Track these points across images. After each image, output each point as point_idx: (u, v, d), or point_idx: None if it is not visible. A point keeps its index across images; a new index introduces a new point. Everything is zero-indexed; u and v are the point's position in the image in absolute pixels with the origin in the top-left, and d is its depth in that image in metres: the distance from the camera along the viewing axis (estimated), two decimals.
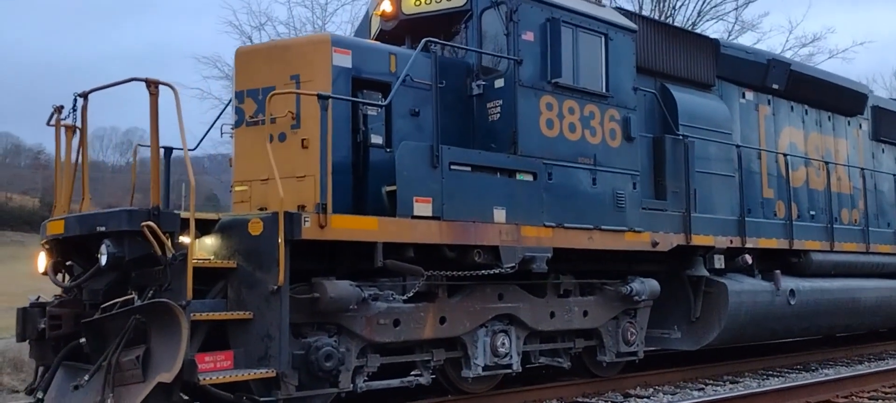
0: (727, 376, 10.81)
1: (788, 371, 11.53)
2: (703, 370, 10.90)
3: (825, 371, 11.68)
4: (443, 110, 8.01)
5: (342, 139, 7.19)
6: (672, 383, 10.01)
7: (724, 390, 9.73)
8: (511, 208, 7.62)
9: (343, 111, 7.20)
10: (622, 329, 9.10)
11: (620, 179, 8.69)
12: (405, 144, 7.03)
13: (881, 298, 12.78)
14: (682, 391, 9.68)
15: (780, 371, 11.48)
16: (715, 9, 27.96)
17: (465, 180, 7.31)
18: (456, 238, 7.16)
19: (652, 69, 10.07)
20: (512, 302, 8.01)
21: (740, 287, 10.13)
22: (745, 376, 10.99)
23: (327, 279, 6.43)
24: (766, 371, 11.42)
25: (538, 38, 8.10)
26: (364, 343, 6.89)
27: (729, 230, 10.13)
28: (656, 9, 27.06)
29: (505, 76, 7.97)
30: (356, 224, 6.49)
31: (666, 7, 27.34)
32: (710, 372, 10.89)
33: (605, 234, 8.47)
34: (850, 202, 13.15)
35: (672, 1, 27.36)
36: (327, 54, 7.16)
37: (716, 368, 11.11)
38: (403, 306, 7.12)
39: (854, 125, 13.78)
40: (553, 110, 8.13)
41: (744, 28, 28.34)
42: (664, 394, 9.40)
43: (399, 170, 6.84)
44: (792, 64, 12.38)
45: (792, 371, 11.54)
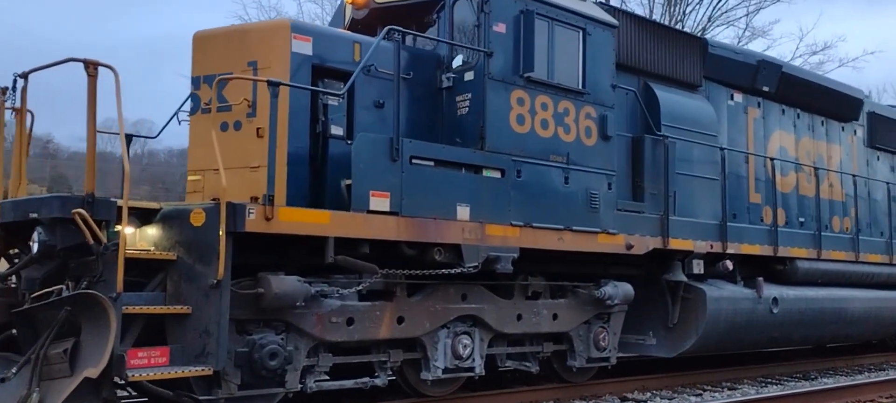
0: (726, 382, 10.74)
1: (787, 379, 11.46)
2: (700, 376, 10.78)
3: (824, 380, 11.59)
4: (412, 103, 7.80)
5: (300, 129, 6.93)
6: (650, 389, 9.75)
7: (721, 396, 9.61)
8: (476, 205, 7.34)
9: (301, 100, 6.94)
10: (594, 333, 8.81)
11: (595, 179, 8.40)
12: (363, 136, 6.76)
13: (870, 309, 12.46)
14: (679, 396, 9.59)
15: (780, 379, 11.40)
16: (725, 15, 27.86)
17: (427, 175, 7.04)
18: (415, 235, 6.89)
19: (635, 67, 9.78)
20: (476, 303, 7.73)
21: (720, 293, 9.84)
22: (744, 383, 10.85)
23: (273, 274, 6.17)
24: (765, 379, 11.33)
25: (511, 30, 7.81)
26: (314, 341, 6.63)
27: (710, 234, 9.83)
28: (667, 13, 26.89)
29: (475, 69, 7.69)
30: (306, 217, 6.22)
31: (676, 11, 27.21)
32: (707, 379, 10.73)
33: (576, 235, 8.19)
34: (842, 209, 12.83)
35: (682, 6, 27.26)
36: (286, 40, 6.90)
37: (714, 374, 10.94)
38: (358, 304, 6.86)
39: (849, 131, 13.45)
40: (524, 105, 7.84)
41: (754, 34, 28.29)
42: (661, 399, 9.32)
43: (355, 163, 6.57)
44: (783, 66, 12.06)
45: (791, 379, 11.47)
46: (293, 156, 6.83)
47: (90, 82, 5.59)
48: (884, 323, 13.05)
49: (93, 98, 5.60)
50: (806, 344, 12.46)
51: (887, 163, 14.40)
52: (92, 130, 5.63)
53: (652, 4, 27.31)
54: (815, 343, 12.82)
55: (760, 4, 27.90)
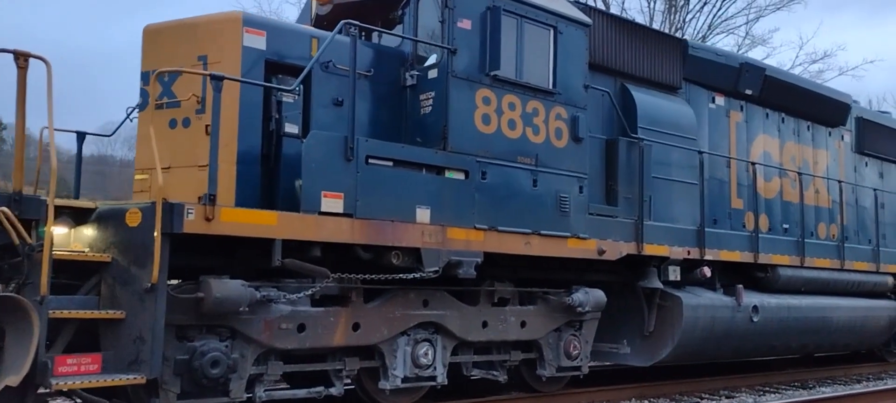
0: (723, 390, 10.63)
1: (786, 388, 11.38)
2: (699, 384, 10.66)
3: (823, 389, 11.49)
4: (375, 101, 7.55)
5: (252, 127, 6.65)
6: (623, 399, 9.47)
7: None
8: (437, 208, 7.06)
9: (254, 96, 6.66)
10: (565, 342, 8.52)
11: (565, 182, 8.11)
12: (315, 134, 6.48)
13: (855, 318, 12.18)
14: None
15: (778, 388, 11.32)
16: (725, 23, 27.84)
17: (385, 176, 6.75)
18: (370, 238, 6.60)
19: (611, 67, 9.51)
20: (438, 310, 7.45)
21: (697, 301, 9.55)
22: (742, 391, 10.73)
23: (215, 277, 5.87)
24: (763, 387, 11.23)
25: (476, 26, 7.54)
26: (262, 348, 6.34)
27: (687, 240, 9.54)
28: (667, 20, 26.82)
29: (438, 66, 7.41)
30: (251, 218, 5.93)
31: (677, 19, 27.13)
32: (706, 387, 10.64)
33: (545, 240, 7.90)
34: (828, 216, 12.55)
35: (683, 14, 27.19)
36: (237, 34, 6.62)
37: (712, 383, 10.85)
38: (310, 310, 6.57)
39: (836, 136, 13.19)
40: (490, 105, 7.56)
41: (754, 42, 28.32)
42: None
43: (306, 162, 6.28)
44: (767, 68, 11.79)
45: (789, 388, 11.39)
46: (244, 155, 6.55)
47: (20, 75, 5.31)
48: (870, 332, 12.77)
49: (22, 91, 5.32)
50: (789, 354, 12.18)
51: (875, 169, 14.14)
52: (21, 125, 5.36)
53: (652, 12, 27.41)
54: (799, 353, 12.52)
55: (760, 13, 28.08)
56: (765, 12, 28.14)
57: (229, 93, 6.47)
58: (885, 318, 12.92)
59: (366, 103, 7.40)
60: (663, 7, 27.47)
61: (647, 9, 27.58)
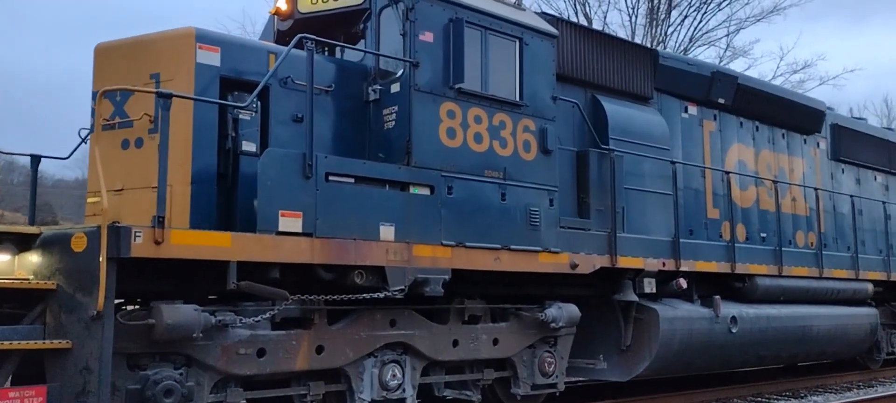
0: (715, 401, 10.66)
1: (777, 398, 11.41)
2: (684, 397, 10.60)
3: (815, 398, 11.51)
4: (338, 117, 7.38)
5: (207, 145, 6.45)
6: None
7: None
8: (402, 225, 6.87)
9: (208, 114, 6.47)
10: (539, 358, 8.33)
11: (535, 195, 7.95)
12: (271, 151, 6.28)
13: (835, 326, 12.07)
14: None
15: (769, 398, 11.34)
16: (706, 35, 28.12)
17: (346, 193, 6.56)
18: (332, 257, 6.40)
19: (581, 79, 9.39)
20: (406, 330, 7.24)
21: (674, 313, 9.39)
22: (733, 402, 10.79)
23: (167, 303, 5.65)
24: (755, 397, 11.21)
25: (439, 39, 7.39)
26: (220, 375, 6.10)
27: (662, 251, 9.39)
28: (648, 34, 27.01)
29: (400, 80, 7.25)
30: (203, 240, 5.72)
31: (658, 32, 27.31)
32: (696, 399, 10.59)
33: (515, 255, 7.73)
34: (806, 224, 12.46)
35: (664, 27, 27.40)
36: (190, 50, 6.43)
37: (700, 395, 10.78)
38: (270, 333, 6.35)
39: (811, 143, 13.13)
40: (455, 118, 7.40)
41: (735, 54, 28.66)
42: None
43: (262, 180, 6.08)
44: (739, 77, 11.71)
45: (781, 398, 11.43)
46: (199, 175, 6.34)
47: None
48: (851, 340, 12.66)
49: None
50: (769, 364, 12.02)
51: (852, 175, 14.09)
52: None
53: (634, 26, 27.61)
54: (780, 363, 12.38)
55: (740, 25, 28.43)
56: (745, 24, 28.63)
57: (182, 111, 6.30)
58: (866, 326, 12.82)
59: (327, 119, 7.23)
60: (644, 21, 27.76)
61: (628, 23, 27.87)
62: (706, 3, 27.65)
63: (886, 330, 14.10)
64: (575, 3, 28.01)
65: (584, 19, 27.39)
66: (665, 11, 27.69)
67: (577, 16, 27.53)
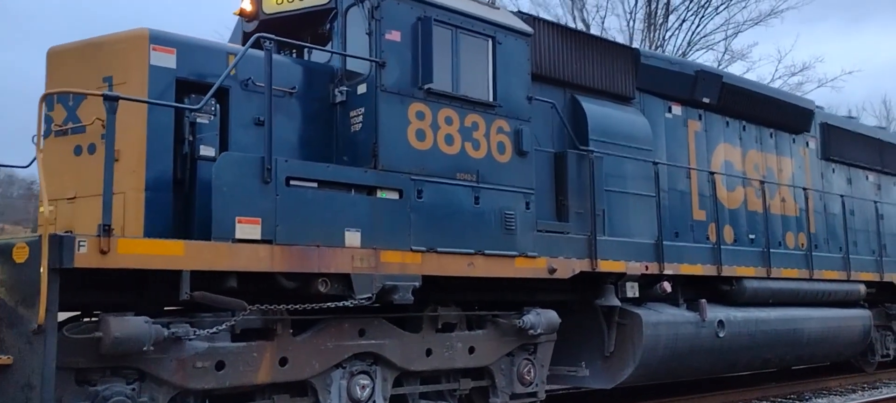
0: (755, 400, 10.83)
1: (783, 400, 11.40)
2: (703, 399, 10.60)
3: (819, 400, 11.53)
4: (304, 120, 7.15)
5: (162, 151, 6.19)
6: None
7: None
8: (368, 230, 6.62)
9: (163, 118, 6.22)
10: (518, 367, 8.07)
11: (510, 198, 7.71)
12: (227, 155, 6.04)
13: (827, 329, 11.81)
14: None
15: (774, 400, 11.34)
16: (704, 39, 28.11)
17: (309, 198, 6.31)
18: (293, 265, 6.14)
19: (560, 79, 9.17)
20: (376, 339, 6.98)
21: (658, 318, 9.14)
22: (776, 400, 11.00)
23: (116, 315, 5.39)
24: (760, 400, 11.22)
25: (407, 38, 7.16)
26: (176, 390, 5.84)
27: (645, 255, 9.14)
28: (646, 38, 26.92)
29: (367, 81, 7.02)
30: (153, 248, 5.46)
31: (656, 37, 27.25)
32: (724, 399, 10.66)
33: (490, 260, 7.48)
34: (795, 225, 12.22)
35: (662, 31, 27.34)
36: (144, 52, 6.19)
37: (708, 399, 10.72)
38: (230, 345, 6.09)
39: (800, 143, 12.90)
40: (425, 120, 7.16)
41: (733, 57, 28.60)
42: None
43: (217, 186, 5.83)
44: (724, 76, 11.50)
45: (786, 400, 11.42)
46: (153, 181, 6.09)
47: None
48: (844, 342, 12.40)
49: None
50: (760, 369, 11.79)
51: (843, 175, 13.86)
52: None
53: (632, 30, 27.57)
54: (770, 367, 12.14)
55: (738, 28, 28.46)
56: (743, 28, 28.72)
57: (135, 115, 6.07)
58: (859, 328, 12.56)
59: (292, 122, 6.99)
60: (642, 26, 27.69)
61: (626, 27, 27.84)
62: (704, 7, 27.70)
63: (880, 331, 13.85)
64: (573, 9, 27.98)
65: (582, 25, 27.32)
66: (663, 16, 27.68)
67: (574, 21, 27.48)
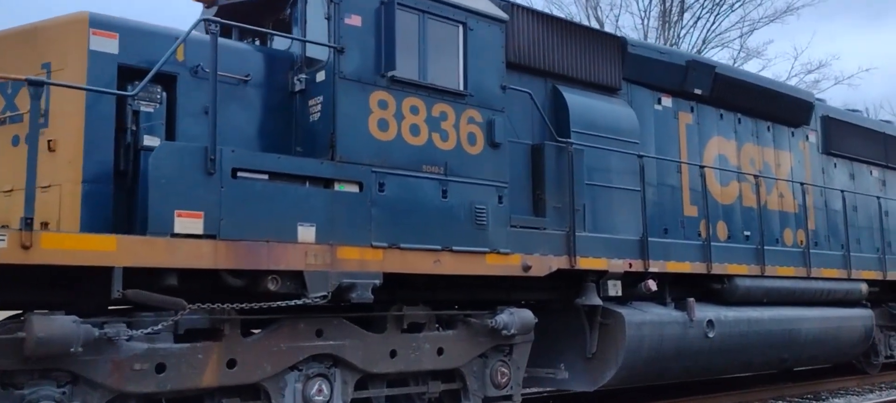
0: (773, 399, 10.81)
1: (799, 400, 11.28)
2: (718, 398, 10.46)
3: (836, 400, 11.38)
4: (261, 110, 6.83)
5: (102, 141, 5.88)
6: None
7: None
8: (325, 225, 6.28)
9: (103, 106, 5.90)
10: (491, 369, 7.70)
11: (481, 192, 7.34)
12: (165, 145, 5.71)
13: (826, 329, 11.35)
14: None
15: (791, 400, 11.22)
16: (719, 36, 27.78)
17: (257, 191, 5.96)
18: (239, 262, 5.80)
19: (540, 68, 8.78)
20: (334, 340, 6.63)
21: (642, 317, 8.74)
22: None
23: (42, 313, 5.07)
24: (777, 399, 11.14)
25: (369, 23, 6.80)
26: (112, 394, 5.51)
27: (628, 252, 8.74)
28: (661, 36, 26.57)
29: (325, 68, 6.67)
30: (81, 243, 5.14)
31: (671, 34, 26.86)
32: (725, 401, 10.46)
33: (458, 257, 7.11)
34: (794, 221, 11.78)
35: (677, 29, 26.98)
36: (83, 37, 5.87)
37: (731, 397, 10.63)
38: (171, 347, 5.76)
39: (799, 137, 12.45)
40: (388, 109, 6.81)
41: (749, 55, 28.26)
42: None
43: (154, 178, 5.50)
44: (717, 66, 11.05)
45: (803, 400, 11.29)
46: (92, 173, 5.77)
47: None
48: (844, 343, 11.94)
49: None
50: (753, 371, 11.36)
51: (846, 170, 13.38)
52: None
53: (646, 28, 27.25)
54: (764, 369, 11.71)
55: (754, 25, 28.24)
56: (758, 25, 28.58)
57: (73, 102, 5.76)
58: (860, 328, 12.10)
59: (246, 112, 6.67)
60: (657, 23, 27.37)
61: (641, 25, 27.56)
62: (719, 4, 27.46)
63: (884, 332, 13.36)
64: (586, 7, 27.65)
65: (596, 23, 26.99)
66: (678, 13, 27.37)
67: (589, 19, 27.12)
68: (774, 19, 28.24)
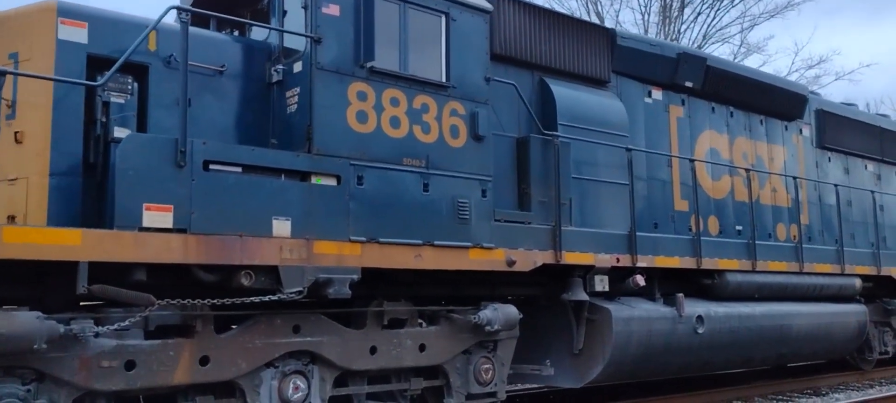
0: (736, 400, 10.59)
1: (798, 396, 11.21)
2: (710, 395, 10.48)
3: (835, 395, 11.33)
4: (238, 101, 6.68)
5: (70, 132, 5.74)
6: None
7: None
8: (301, 219, 6.13)
9: (72, 97, 5.75)
10: (475, 365, 7.57)
11: (464, 185, 7.20)
12: (133, 137, 5.57)
13: (819, 325, 11.23)
14: None
15: (790, 396, 11.15)
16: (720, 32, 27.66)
17: (230, 184, 5.82)
18: (211, 256, 5.66)
19: (526, 60, 8.64)
20: (312, 336, 6.49)
21: (630, 313, 8.60)
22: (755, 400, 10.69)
23: (2, 310, 4.93)
24: (776, 395, 11.08)
25: (348, 12, 6.66)
26: (79, 391, 5.38)
27: (616, 246, 8.60)
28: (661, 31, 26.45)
29: (302, 58, 6.52)
30: (45, 237, 4.99)
31: (672, 30, 26.72)
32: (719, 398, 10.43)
33: (439, 251, 6.97)
34: (787, 216, 11.65)
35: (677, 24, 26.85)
36: (51, 26, 5.72)
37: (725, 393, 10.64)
38: (141, 344, 5.62)
39: (793, 130, 12.31)
40: (367, 100, 6.66)
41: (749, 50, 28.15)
42: None
43: (121, 170, 5.36)
44: (708, 58, 10.91)
45: (802, 396, 11.23)
46: (61, 166, 5.64)
47: None
48: (837, 339, 11.81)
49: None
50: (744, 367, 11.24)
51: (840, 164, 13.24)
52: None
53: (647, 24, 27.17)
54: (756, 365, 11.56)
55: (754, 21, 28.13)
56: (759, 20, 28.48)
57: (40, 94, 5.62)
58: (854, 324, 11.97)
59: (221, 103, 6.53)
60: (657, 19, 27.25)
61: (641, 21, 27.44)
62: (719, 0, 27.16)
63: (878, 327, 13.23)
64: (587, 3, 27.51)
65: (596, 18, 26.83)
66: (678, 9, 27.25)
67: (588, 14, 26.99)
68: (775, 14, 28.23)
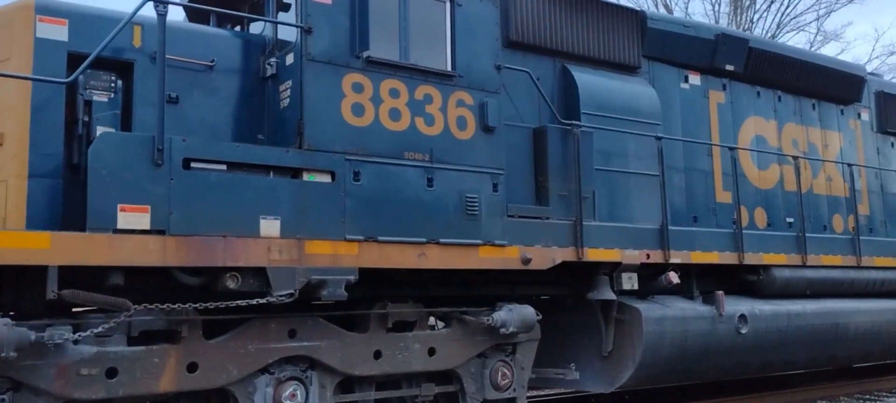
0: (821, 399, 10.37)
1: (888, 396, 10.86)
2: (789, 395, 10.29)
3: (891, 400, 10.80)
4: (231, 97, 6.45)
5: (50, 132, 5.56)
6: None
7: None
8: (291, 218, 5.84)
9: (53, 96, 5.58)
10: (491, 370, 7.15)
11: (473, 179, 6.80)
12: (106, 135, 5.35)
13: (881, 322, 10.40)
14: None
15: (879, 396, 10.83)
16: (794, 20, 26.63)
17: (212, 182, 5.55)
18: (192, 258, 5.40)
19: (547, 47, 8.18)
20: (309, 341, 6.19)
21: (662, 312, 8.05)
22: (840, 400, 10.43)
23: None
24: (863, 395, 10.81)
25: (341, 1, 6.34)
26: (57, 401, 5.18)
27: (646, 241, 8.05)
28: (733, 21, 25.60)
29: (293, 50, 6.23)
30: (11, 241, 4.80)
31: (744, 19, 25.83)
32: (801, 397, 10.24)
33: (446, 250, 6.58)
34: (845, 206, 10.86)
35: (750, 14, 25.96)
36: (28, 24, 5.56)
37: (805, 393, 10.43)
38: (123, 350, 5.40)
39: (850, 115, 11.50)
40: (364, 92, 6.33)
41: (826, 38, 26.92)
42: None
43: (94, 169, 5.14)
44: (751, 40, 10.22)
45: (854, 400, 10.77)
46: (39, 167, 5.46)
47: None
48: None
49: None
50: (796, 369, 10.48)
51: None
52: None
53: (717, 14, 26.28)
54: (809, 367, 10.80)
55: (831, 7, 26.76)
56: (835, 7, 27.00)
57: (18, 93, 5.47)
58: None
59: (211, 99, 6.29)
60: (729, 9, 26.29)
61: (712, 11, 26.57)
62: None
63: None
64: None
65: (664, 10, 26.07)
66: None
67: (657, 7, 26.22)
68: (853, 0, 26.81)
